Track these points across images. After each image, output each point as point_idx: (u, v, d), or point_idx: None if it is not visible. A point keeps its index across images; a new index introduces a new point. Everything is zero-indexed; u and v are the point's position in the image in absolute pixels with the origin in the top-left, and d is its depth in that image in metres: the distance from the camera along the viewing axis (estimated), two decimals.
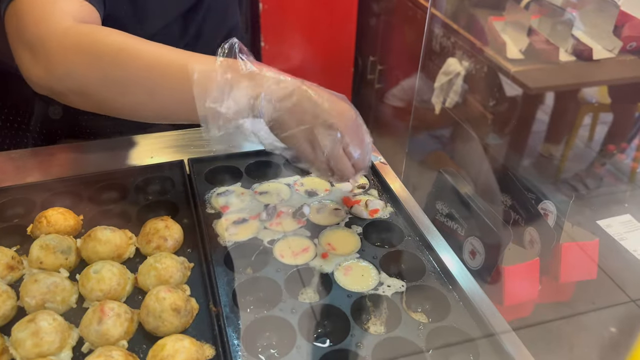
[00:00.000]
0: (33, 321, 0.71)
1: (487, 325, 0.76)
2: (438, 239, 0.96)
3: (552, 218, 1.13)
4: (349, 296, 0.81)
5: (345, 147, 0.80)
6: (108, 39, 0.76)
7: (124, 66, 0.74)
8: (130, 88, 0.75)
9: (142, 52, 0.75)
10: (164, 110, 0.78)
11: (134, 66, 0.74)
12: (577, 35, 1.89)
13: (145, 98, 0.76)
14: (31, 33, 0.76)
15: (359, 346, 0.74)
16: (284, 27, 2.73)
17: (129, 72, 0.74)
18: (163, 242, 0.86)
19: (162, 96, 0.75)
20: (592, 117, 2.27)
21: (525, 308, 1.14)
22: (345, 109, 0.80)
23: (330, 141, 0.77)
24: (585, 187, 2.10)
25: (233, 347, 0.73)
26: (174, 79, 0.74)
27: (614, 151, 2.20)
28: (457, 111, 2.14)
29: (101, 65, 0.74)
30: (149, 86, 0.75)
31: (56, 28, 0.76)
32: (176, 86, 0.74)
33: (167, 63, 0.74)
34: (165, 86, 0.74)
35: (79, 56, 0.74)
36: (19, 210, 0.95)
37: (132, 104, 0.77)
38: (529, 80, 1.87)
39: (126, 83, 0.75)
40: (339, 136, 0.78)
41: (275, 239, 0.91)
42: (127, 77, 0.74)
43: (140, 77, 0.74)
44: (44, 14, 0.77)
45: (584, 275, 1.15)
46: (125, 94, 0.76)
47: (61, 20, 0.77)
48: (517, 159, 2.04)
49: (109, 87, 0.75)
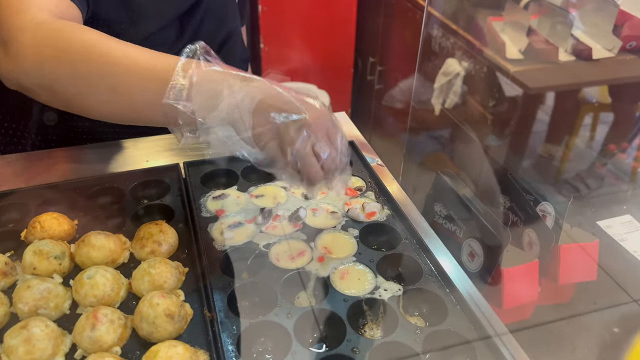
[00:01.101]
0: (25, 328, 0.71)
1: (484, 328, 0.76)
2: (436, 241, 0.95)
3: (551, 220, 1.11)
4: (345, 300, 0.80)
5: (313, 145, 0.74)
6: (80, 36, 0.75)
7: (91, 63, 0.73)
8: (96, 86, 0.74)
9: (111, 50, 0.73)
10: (130, 111, 0.77)
11: (101, 63, 0.73)
12: (577, 34, 1.88)
13: (111, 96, 0.74)
14: (5, 26, 0.75)
15: (355, 351, 0.73)
16: (283, 28, 2.73)
17: (95, 69, 0.73)
18: (157, 247, 0.86)
19: (127, 95, 0.74)
20: (592, 117, 2.26)
21: (525, 310, 1.13)
22: (316, 104, 0.76)
23: (297, 138, 0.72)
24: (587, 187, 2.09)
25: (227, 353, 0.72)
26: (138, 77, 0.72)
27: (615, 151, 2.19)
28: (457, 112, 2.13)
29: (70, 61, 0.73)
30: (114, 84, 0.73)
31: (31, 20, 0.75)
32: (140, 84, 0.72)
33: (132, 61, 0.73)
34: (129, 84, 0.73)
35: (48, 50, 0.73)
36: (13, 215, 0.94)
37: (99, 102, 0.76)
38: (529, 80, 1.86)
39: (92, 80, 0.73)
40: (306, 134, 0.73)
41: (271, 243, 0.90)
42: (93, 74, 0.73)
43: (105, 74, 0.73)
44: (20, 7, 0.76)
45: (584, 277, 1.13)
46: (91, 92, 0.74)
47: (37, 14, 0.76)
48: (516, 160, 2.03)
49: (77, 84, 0.74)
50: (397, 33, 2.71)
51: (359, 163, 1.11)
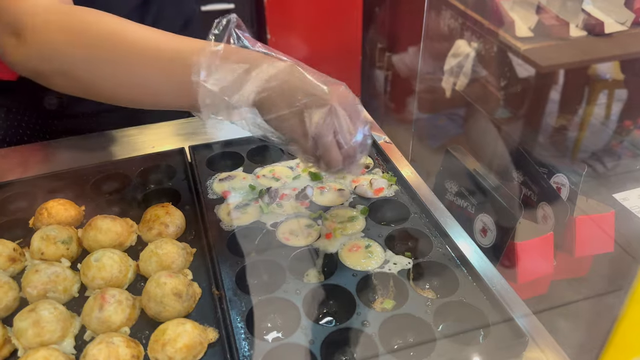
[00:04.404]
0: (34, 310, 0.71)
1: (497, 298, 0.74)
2: (445, 215, 0.93)
3: (565, 191, 1.09)
4: (355, 275, 0.79)
5: (336, 132, 0.72)
6: (94, 18, 0.74)
7: (107, 46, 0.72)
8: (113, 69, 0.72)
9: (128, 33, 0.72)
10: (151, 95, 0.75)
11: (118, 46, 0.72)
12: (588, 9, 1.85)
13: (130, 79, 0.73)
14: (11, 13, 0.74)
15: (365, 324, 0.72)
16: (289, 18, 2.71)
17: (112, 52, 0.72)
18: (164, 229, 0.85)
19: (147, 78, 0.73)
20: (606, 94, 2.22)
21: (540, 285, 1.11)
22: (342, 89, 0.74)
23: (321, 121, 0.70)
24: (603, 166, 2.05)
25: (237, 330, 0.71)
26: (161, 60, 0.71)
27: (631, 127, 2.15)
28: (468, 93, 2.11)
29: (86, 45, 0.72)
30: (133, 67, 0.72)
31: (37, 4, 0.74)
32: (163, 67, 0.71)
33: (153, 44, 0.72)
34: (151, 67, 0.72)
35: (62, 34, 0.72)
36: (21, 203, 0.94)
37: (116, 86, 0.74)
38: (540, 58, 1.82)
39: (110, 64, 0.72)
40: (329, 120, 0.70)
41: (278, 222, 0.89)
42: (110, 58, 0.72)
43: (123, 57, 0.72)
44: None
45: (600, 249, 1.11)
46: (108, 76, 0.73)
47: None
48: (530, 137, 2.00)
49: (93, 68, 0.73)
50: (404, 18, 2.68)
51: None
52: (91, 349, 0.66)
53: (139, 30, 0.74)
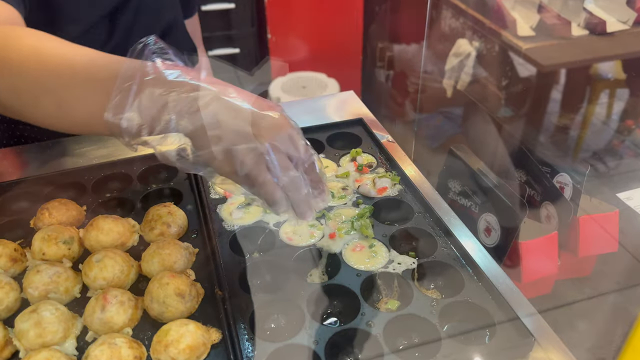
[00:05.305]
0: (35, 311, 0.70)
1: (502, 297, 0.73)
2: (449, 214, 0.93)
3: (569, 191, 1.09)
4: (359, 275, 0.79)
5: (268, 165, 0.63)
6: (19, 43, 0.68)
7: (31, 75, 0.66)
8: (38, 99, 0.67)
9: (52, 58, 0.66)
10: (74, 125, 0.69)
11: (41, 75, 0.66)
12: (589, 8, 1.84)
13: (54, 110, 0.67)
14: None
15: (369, 325, 0.71)
16: (290, 18, 2.71)
17: (35, 82, 0.66)
18: (166, 229, 0.85)
19: (68, 108, 0.66)
20: (608, 93, 2.22)
21: (544, 285, 1.10)
22: (276, 119, 0.63)
23: (250, 159, 0.61)
24: (605, 166, 2.05)
25: (240, 330, 0.71)
26: (78, 88, 0.65)
27: (633, 126, 2.14)
28: (469, 93, 2.10)
29: (8, 74, 0.67)
30: (56, 97, 0.66)
31: None
32: (80, 96, 0.65)
33: (75, 70, 0.65)
34: (69, 97, 0.65)
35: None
36: (22, 204, 0.94)
37: (43, 116, 0.68)
38: (541, 57, 1.82)
39: (34, 93, 0.67)
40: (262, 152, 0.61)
41: (281, 222, 0.89)
42: (34, 87, 0.66)
43: (46, 87, 0.66)
44: None
45: (604, 248, 1.11)
46: (35, 105, 0.67)
47: None
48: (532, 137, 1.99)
49: (19, 98, 0.68)
50: (405, 17, 2.67)
51: (369, 140, 1.09)
52: (93, 350, 0.66)
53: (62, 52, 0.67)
